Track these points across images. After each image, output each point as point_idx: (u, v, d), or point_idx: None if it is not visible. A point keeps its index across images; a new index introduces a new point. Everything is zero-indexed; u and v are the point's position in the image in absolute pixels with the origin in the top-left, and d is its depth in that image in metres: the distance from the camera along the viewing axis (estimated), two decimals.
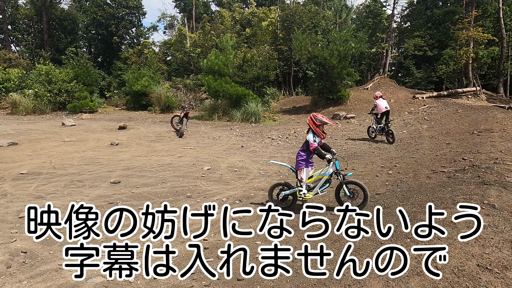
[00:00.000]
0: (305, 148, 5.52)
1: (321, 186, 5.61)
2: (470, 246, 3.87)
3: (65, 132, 14.63)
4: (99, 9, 34.25)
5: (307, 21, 25.36)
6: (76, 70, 22.71)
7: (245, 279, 3.69)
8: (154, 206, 6.03)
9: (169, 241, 3.88)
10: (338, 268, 3.56)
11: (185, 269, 3.69)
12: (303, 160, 5.50)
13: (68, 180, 7.66)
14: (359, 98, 20.10)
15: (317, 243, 3.88)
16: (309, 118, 5.49)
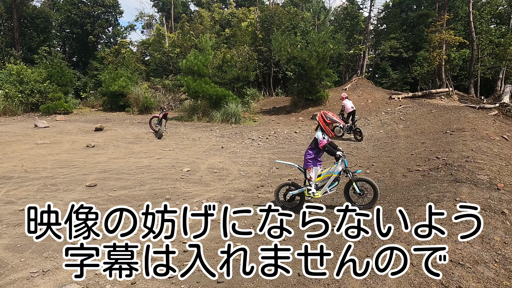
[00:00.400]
0: (314, 146, 5.39)
1: (330, 184, 5.49)
2: (443, 242, 4.00)
3: (38, 134, 14.11)
4: (73, 7, 33.23)
5: (286, 22, 25.55)
6: (50, 70, 21.94)
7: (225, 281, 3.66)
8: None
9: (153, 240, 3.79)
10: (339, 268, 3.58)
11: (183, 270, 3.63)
12: (311, 158, 5.39)
13: (41, 184, 7.39)
14: (337, 98, 20.38)
15: (315, 243, 3.90)
16: (319, 116, 5.36)
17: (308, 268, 3.57)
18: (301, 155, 10.20)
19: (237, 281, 3.66)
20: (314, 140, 5.39)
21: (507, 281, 3.41)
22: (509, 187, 5.90)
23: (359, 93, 21.18)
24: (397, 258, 3.62)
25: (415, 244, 3.92)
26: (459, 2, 27.05)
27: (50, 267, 4.00)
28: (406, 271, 3.47)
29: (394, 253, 3.59)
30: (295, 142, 12.35)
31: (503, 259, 3.72)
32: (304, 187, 5.57)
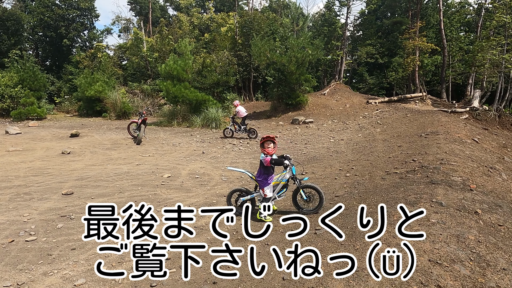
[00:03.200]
0: (261, 168, 5.58)
1: (279, 191, 5.76)
2: (422, 243, 4.12)
3: (9, 141, 13.54)
4: (46, 10, 32.26)
5: (265, 28, 25.79)
6: (21, 74, 21.17)
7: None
8: None
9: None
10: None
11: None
12: (262, 179, 5.59)
13: (13, 193, 7.09)
14: (316, 103, 20.74)
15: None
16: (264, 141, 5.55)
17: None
18: None
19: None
20: (260, 162, 5.60)
21: (482, 278, 3.55)
22: (481, 188, 6.16)
23: (337, 98, 21.60)
24: (377, 259, 3.71)
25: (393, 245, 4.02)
26: (431, 10, 28.18)
27: (25, 280, 3.83)
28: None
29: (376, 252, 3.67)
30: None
31: (477, 257, 3.88)
32: (255, 193, 5.81)
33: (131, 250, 3.64)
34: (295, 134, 14.85)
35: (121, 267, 4.13)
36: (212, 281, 3.71)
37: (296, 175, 5.73)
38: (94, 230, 3.69)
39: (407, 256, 3.59)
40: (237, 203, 5.86)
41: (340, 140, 13.01)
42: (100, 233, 3.68)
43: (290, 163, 5.57)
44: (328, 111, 19.39)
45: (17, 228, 5.30)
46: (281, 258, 3.70)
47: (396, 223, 4.63)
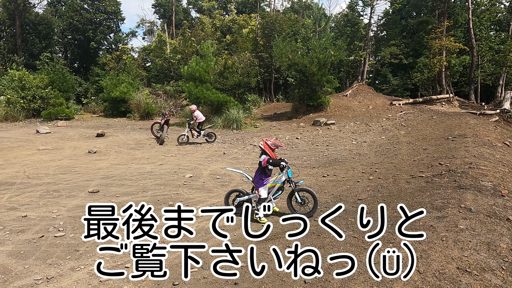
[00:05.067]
0: (259, 170, 5.68)
1: (274, 193, 5.82)
2: (449, 249, 3.98)
3: (40, 140, 14.12)
4: (75, 14, 33.45)
5: (287, 29, 25.71)
6: (52, 76, 22.03)
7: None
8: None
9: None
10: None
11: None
12: (258, 180, 5.69)
13: (43, 190, 7.38)
14: (338, 104, 20.46)
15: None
16: (263, 144, 5.66)
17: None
18: (303, 161, 10.20)
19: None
20: (259, 164, 5.69)
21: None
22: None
23: (360, 99, 21.24)
24: (399, 261, 3.61)
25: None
26: (459, 9, 27.25)
27: (54, 274, 3.97)
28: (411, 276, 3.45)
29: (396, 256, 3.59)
30: (296, 148, 12.36)
31: (510, 266, 3.70)
32: (252, 194, 5.88)
33: (132, 250, 3.69)
34: (316, 136, 14.70)
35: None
36: (234, 282, 3.71)
37: (292, 178, 5.77)
38: (95, 230, 3.75)
39: (423, 258, 3.48)
40: (234, 203, 5.95)
41: (363, 142, 12.77)
42: (100, 233, 3.75)
43: (287, 165, 5.64)
44: (350, 112, 19.09)
45: (47, 224, 5.50)
46: (297, 261, 3.66)
47: (420, 228, 4.51)
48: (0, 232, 5.16)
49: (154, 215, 3.92)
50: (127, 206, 3.92)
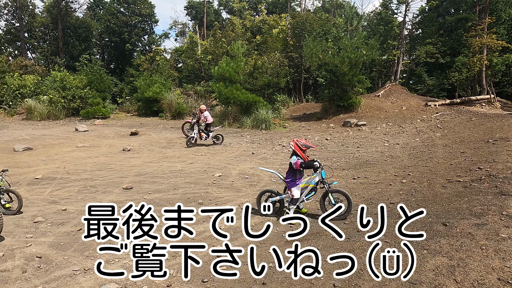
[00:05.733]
0: (290, 170, 5.68)
1: (307, 194, 5.77)
2: (490, 259, 3.77)
3: (78, 138, 14.84)
4: (112, 17, 34.87)
5: (318, 28, 25.39)
6: (90, 77, 23.10)
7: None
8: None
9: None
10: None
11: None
12: (290, 181, 5.67)
13: (81, 185, 7.75)
14: (370, 105, 19.95)
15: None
16: (294, 145, 5.66)
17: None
18: (332, 162, 10.04)
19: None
20: (290, 164, 5.68)
21: None
22: None
23: (392, 100, 20.60)
24: (438, 273, 3.46)
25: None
26: (502, 5, 25.69)
27: (90, 266, 4.16)
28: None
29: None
30: (326, 149, 12.18)
31: None
32: (284, 194, 5.85)
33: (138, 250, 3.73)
34: (347, 137, 14.42)
35: (174, 261, 4.30)
36: (262, 281, 3.72)
37: (325, 179, 5.67)
38: (95, 230, 3.75)
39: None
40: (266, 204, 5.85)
41: (395, 144, 12.37)
42: (100, 234, 3.75)
43: (320, 166, 5.56)
44: (382, 113, 18.56)
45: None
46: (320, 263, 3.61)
47: (458, 235, 4.30)
48: (42, 224, 5.47)
49: (154, 215, 3.94)
50: (127, 206, 3.93)
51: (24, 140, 14.19)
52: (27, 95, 22.91)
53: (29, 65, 28.35)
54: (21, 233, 5.15)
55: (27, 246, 4.69)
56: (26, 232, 5.18)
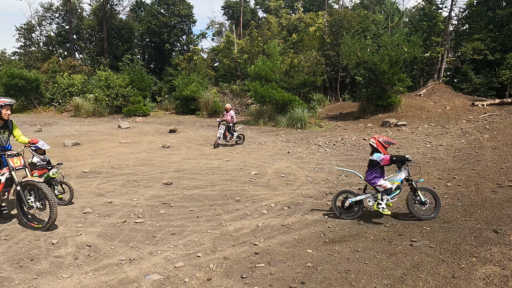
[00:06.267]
0: (372, 167, 5.48)
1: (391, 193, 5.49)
2: None
3: (121, 134, 15.57)
4: (153, 18, 36.15)
5: (356, 26, 24.74)
6: (132, 76, 24.15)
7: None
8: (205, 208, 6.21)
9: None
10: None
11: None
12: (374, 177, 5.46)
13: (125, 179, 8.13)
14: (411, 104, 19.15)
15: None
16: (376, 142, 5.49)
17: None
18: None
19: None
20: (371, 162, 5.48)
21: None
22: None
23: (435, 99, 19.64)
24: (488, 282, 3.27)
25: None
26: None
27: (135, 257, 4.36)
28: None
29: None
30: (364, 150, 11.86)
31: None
32: (365, 194, 5.60)
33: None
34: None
35: (214, 255, 4.40)
36: (301, 280, 3.71)
37: (411, 176, 5.44)
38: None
39: None
40: (343, 205, 5.63)
41: (439, 145, 11.79)
42: None
43: (409, 162, 5.36)
44: (424, 113, 17.76)
45: (128, 210, 6.06)
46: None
47: (511, 243, 4.04)
48: (91, 215, 5.81)
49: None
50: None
51: (73, 135, 15.12)
52: (75, 94, 24.39)
53: (77, 65, 30.13)
54: (72, 222, 5.50)
55: (77, 235, 5.00)
56: (77, 222, 5.52)
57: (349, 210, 5.62)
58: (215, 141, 12.55)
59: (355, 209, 5.62)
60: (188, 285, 3.71)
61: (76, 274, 3.95)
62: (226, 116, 12.93)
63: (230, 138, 12.91)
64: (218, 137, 12.55)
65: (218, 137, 12.54)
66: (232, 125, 12.94)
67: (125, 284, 3.73)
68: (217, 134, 12.63)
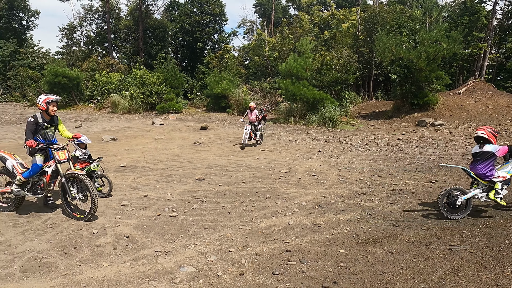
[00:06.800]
0: (486, 160, 5.34)
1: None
2: None
3: (155, 131, 16.07)
4: (186, 18, 36.89)
5: (391, 22, 23.95)
6: (165, 74, 24.81)
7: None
8: (236, 204, 6.29)
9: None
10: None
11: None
12: (489, 170, 5.33)
13: (159, 174, 8.40)
14: (449, 103, 18.31)
15: None
16: (487, 133, 5.42)
17: None
18: (406, 164, 9.45)
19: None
20: (483, 154, 5.34)
21: None
22: None
23: (476, 98, 18.64)
24: None
25: None
26: None
27: (170, 249, 4.50)
28: None
29: None
30: (398, 150, 11.50)
31: None
32: (474, 190, 5.37)
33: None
34: (421, 138, 13.44)
35: (245, 251, 4.46)
36: (333, 280, 3.68)
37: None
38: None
39: None
40: (455, 203, 5.28)
41: None
42: None
43: None
44: (463, 113, 16.91)
45: (163, 204, 6.25)
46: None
47: None
48: (128, 208, 6.06)
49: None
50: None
51: (110, 131, 15.79)
52: (112, 91, 25.41)
53: (114, 64, 31.39)
54: (111, 214, 5.76)
55: (116, 226, 5.24)
56: (115, 213, 5.78)
57: (458, 208, 5.31)
58: (243, 142, 12.01)
59: (463, 206, 5.36)
60: (221, 279, 3.78)
61: (115, 263, 4.14)
62: (250, 115, 12.56)
63: (254, 138, 12.44)
64: (244, 137, 11.97)
65: (244, 137, 11.98)
66: (257, 124, 12.53)
67: (161, 275, 3.86)
68: (243, 135, 12.06)
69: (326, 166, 9.38)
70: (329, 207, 6.09)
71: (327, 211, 5.88)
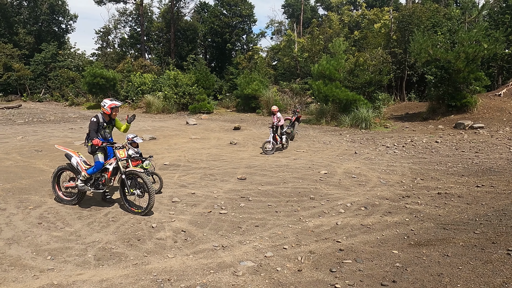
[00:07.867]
0: None
1: None
2: None
3: (190, 130, 16.52)
4: (216, 19, 37.58)
5: (426, 21, 23.37)
6: (197, 75, 25.40)
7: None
8: (281, 204, 6.46)
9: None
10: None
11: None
12: None
13: (202, 173, 8.71)
14: (488, 105, 17.67)
15: None
16: None
17: None
18: (448, 167, 9.29)
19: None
20: None
21: None
22: None
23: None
24: None
25: None
26: None
27: (226, 244, 4.74)
28: None
29: None
30: (437, 153, 11.29)
31: None
32: None
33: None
34: (461, 141, 13.10)
35: (299, 249, 4.62)
36: (392, 279, 3.77)
37: None
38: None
39: None
40: None
41: None
42: None
43: None
44: (504, 115, 16.29)
45: (211, 202, 6.52)
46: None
47: None
48: (179, 204, 6.37)
49: None
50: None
51: (148, 130, 16.40)
52: (146, 92, 26.32)
53: (147, 65, 32.45)
54: (164, 210, 6.09)
55: (172, 221, 5.54)
56: (168, 209, 6.10)
57: None
58: (266, 150, 11.41)
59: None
60: (281, 274, 3.96)
61: (179, 255, 4.42)
62: (273, 119, 12.15)
63: (280, 142, 11.96)
64: (268, 141, 11.50)
65: (269, 141, 11.46)
66: (281, 128, 12.23)
67: (223, 268, 4.09)
68: (269, 139, 11.50)
69: (364, 168, 9.38)
70: (375, 209, 6.14)
71: (373, 213, 5.94)
